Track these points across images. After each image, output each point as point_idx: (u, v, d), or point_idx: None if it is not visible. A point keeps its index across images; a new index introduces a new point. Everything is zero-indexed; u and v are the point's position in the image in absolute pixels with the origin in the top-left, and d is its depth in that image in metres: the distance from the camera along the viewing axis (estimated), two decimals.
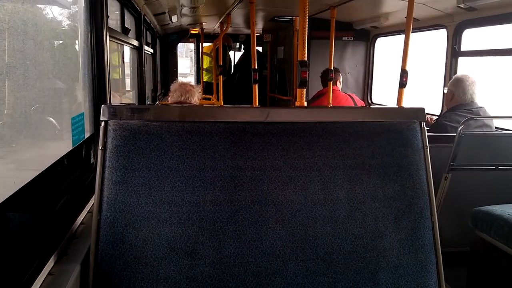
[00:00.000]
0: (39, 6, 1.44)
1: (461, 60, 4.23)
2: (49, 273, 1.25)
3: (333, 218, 1.50)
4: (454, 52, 4.21)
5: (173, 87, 3.37)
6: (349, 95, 5.09)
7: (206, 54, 8.60)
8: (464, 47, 4.20)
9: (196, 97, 3.32)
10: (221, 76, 6.99)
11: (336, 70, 4.98)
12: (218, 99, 7.00)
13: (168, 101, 3.58)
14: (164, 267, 1.39)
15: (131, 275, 1.38)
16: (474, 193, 2.79)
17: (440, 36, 4.46)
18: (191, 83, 3.44)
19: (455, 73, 4.14)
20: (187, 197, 1.43)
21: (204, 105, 3.74)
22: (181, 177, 1.44)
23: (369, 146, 1.56)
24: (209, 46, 8.64)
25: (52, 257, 1.29)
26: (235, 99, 8.31)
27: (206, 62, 8.68)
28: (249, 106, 5.45)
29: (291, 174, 1.50)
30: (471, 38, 4.16)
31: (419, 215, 1.56)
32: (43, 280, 1.21)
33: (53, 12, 1.59)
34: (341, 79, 5.17)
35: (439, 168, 2.63)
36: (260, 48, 8.48)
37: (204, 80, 8.59)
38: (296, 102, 2.99)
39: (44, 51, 1.42)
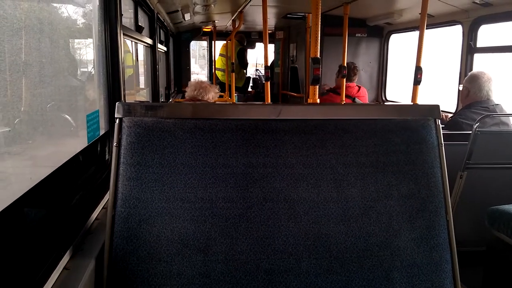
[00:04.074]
0: (54, 5, 1.46)
1: (477, 56, 4.17)
2: (64, 268, 1.27)
3: (346, 216, 1.49)
4: (469, 49, 4.15)
5: (190, 82, 3.46)
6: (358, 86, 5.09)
7: (222, 55, 8.61)
8: (480, 43, 4.14)
9: (211, 95, 3.36)
10: (233, 73, 7.00)
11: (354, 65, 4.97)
12: (230, 97, 7.02)
13: (181, 98, 3.65)
14: (177, 263, 1.40)
15: (144, 270, 1.39)
16: (490, 192, 2.75)
17: (455, 33, 4.41)
18: (208, 82, 3.51)
19: (471, 70, 4.08)
20: (199, 194, 1.44)
21: (217, 103, 3.76)
22: (194, 174, 1.44)
23: (383, 144, 1.55)
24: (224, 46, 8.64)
25: (68, 252, 1.31)
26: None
27: (219, 62, 8.71)
28: (261, 103, 5.44)
29: (304, 172, 1.50)
30: (488, 34, 4.10)
31: (434, 213, 1.55)
32: (59, 275, 1.22)
33: (68, 10, 1.60)
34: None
35: (454, 166, 2.60)
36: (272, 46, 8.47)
37: (219, 78, 8.62)
38: (308, 99, 2.98)
39: (59, 49, 1.44)
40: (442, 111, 1.70)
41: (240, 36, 8.40)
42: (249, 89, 9.61)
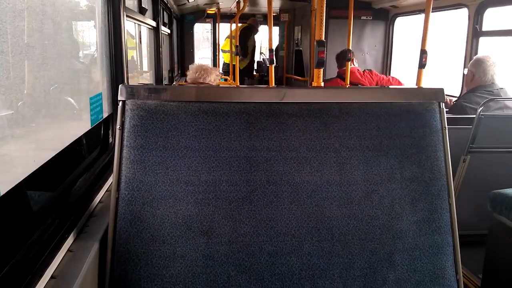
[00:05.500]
0: None
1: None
2: (68, 250, 1.28)
3: (349, 199, 1.50)
4: (475, 32, 4.10)
5: (191, 66, 3.42)
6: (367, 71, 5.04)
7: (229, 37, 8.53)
8: (485, 27, 4.08)
9: (212, 77, 3.33)
10: (238, 56, 6.94)
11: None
12: (234, 80, 6.98)
13: (184, 81, 3.62)
14: (180, 245, 1.41)
15: (148, 252, 1.40)
16: (492, 176, 2.75)
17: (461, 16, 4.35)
18: (208, 65, 3.47)
19: (476, 53, 4.04)
20: (203, 177, 1.44)
21: (221, 86, 3.74)
22: (197, 157, 1.45)
23: (387, 127, 1.55)
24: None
25: (72, 234, 1.32)
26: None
27: (226, 44, 8.61)
28: (265, 86, 5.42)
29: (307, 155, 1.50)
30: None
31: (437, 197, 1.55)
32: (63, 257, 1.24)
33: None
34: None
35: (457, 150, 2.60)
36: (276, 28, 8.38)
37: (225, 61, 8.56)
38: (313, 82, 2.96)
39: (62, 31, 1.43)
40: (446, 95, 1.68)
41: (253, 20, 8.33)
42: (254, 72, 9.54)
